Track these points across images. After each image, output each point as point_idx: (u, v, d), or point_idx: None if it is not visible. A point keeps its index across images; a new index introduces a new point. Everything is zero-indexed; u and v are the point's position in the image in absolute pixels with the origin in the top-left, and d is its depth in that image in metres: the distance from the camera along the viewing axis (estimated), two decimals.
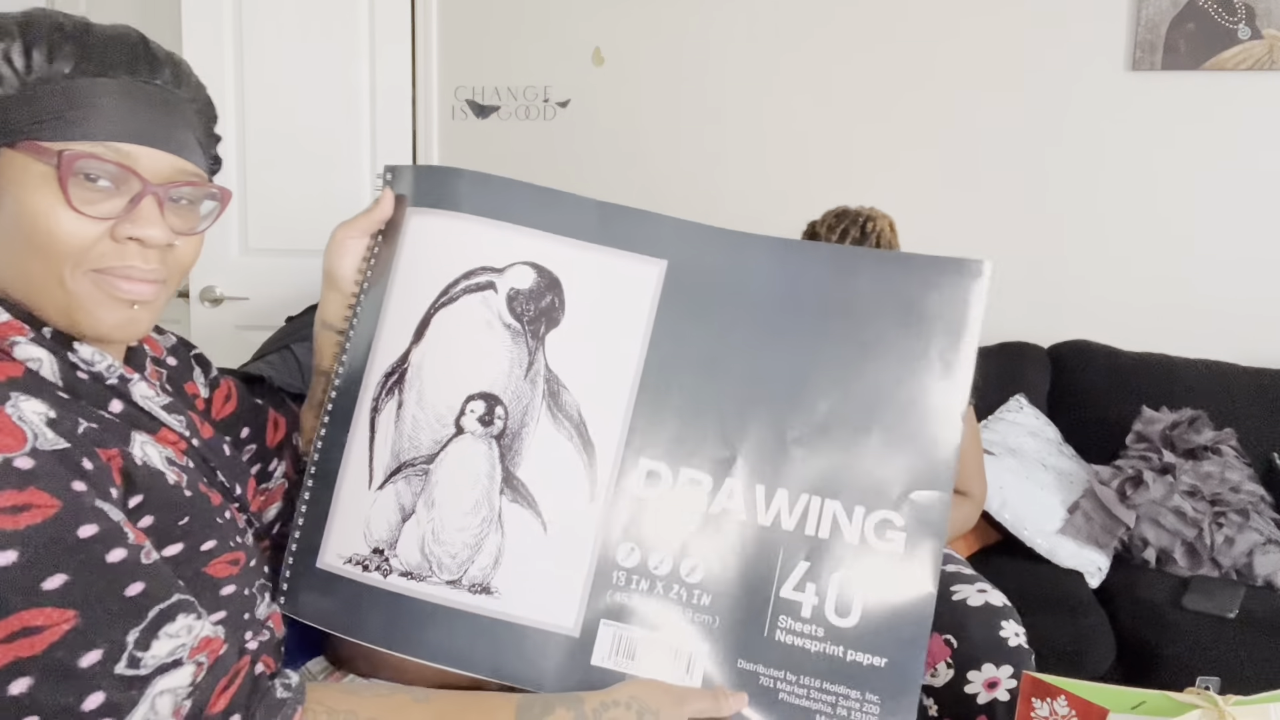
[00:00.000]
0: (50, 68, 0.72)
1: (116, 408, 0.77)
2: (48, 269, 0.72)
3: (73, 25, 0.74)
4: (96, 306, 0.74)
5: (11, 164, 0.72)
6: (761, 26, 2.73)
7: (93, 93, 0.72)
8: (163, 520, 0.74)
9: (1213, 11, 2.47)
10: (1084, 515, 2.12)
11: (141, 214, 0.74)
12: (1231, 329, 2.54)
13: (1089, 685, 1.04)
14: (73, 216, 0.72)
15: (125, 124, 0.73)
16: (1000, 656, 1.47)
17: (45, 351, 0.74)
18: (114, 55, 0.74)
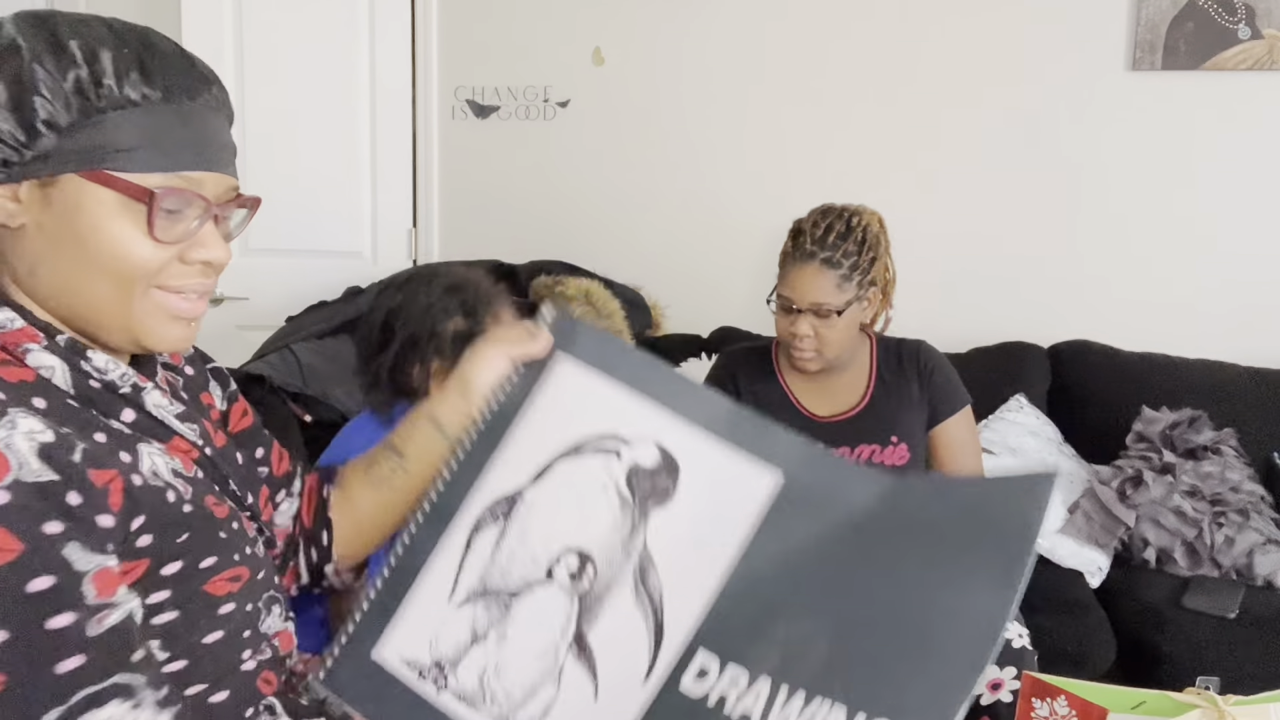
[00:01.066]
0: (119, 94, 0.72)
1: (128, 416, 0.77)
2: (118, 291, 0.74)
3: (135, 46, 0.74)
4: (160, 325, 0.77)
5: (80, 190, 0.72)
6: (761, 27, 2.73)
7: (163, 122, 0.74)
8: (162, 538, 0.74)
9: (1213, 11, 2.47)
10: (1084, 515, 2.12)
11: (208, 237, 0.77)
12: (1231, 329, 2.54)
13: (1089, 685, 1.04)
14: (151, 245, 0.74)
15: (194, 152, 0.75)
16: (1004, 657, 1.46)
17: (58, 360, 0.74)
18: (175, 79, 0.75)
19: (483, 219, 2.97)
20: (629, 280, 2.73)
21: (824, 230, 1.66)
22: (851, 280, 1.65)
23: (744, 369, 1.84)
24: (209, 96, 0.77)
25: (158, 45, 0.75)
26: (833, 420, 1.76)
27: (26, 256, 0.74)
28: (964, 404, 1.81)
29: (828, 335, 1.66)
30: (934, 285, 2.67)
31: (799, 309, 1.65)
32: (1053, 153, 2.61)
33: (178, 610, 0.75)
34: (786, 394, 1.79)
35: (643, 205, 2.86)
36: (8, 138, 0.71)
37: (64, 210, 0.72)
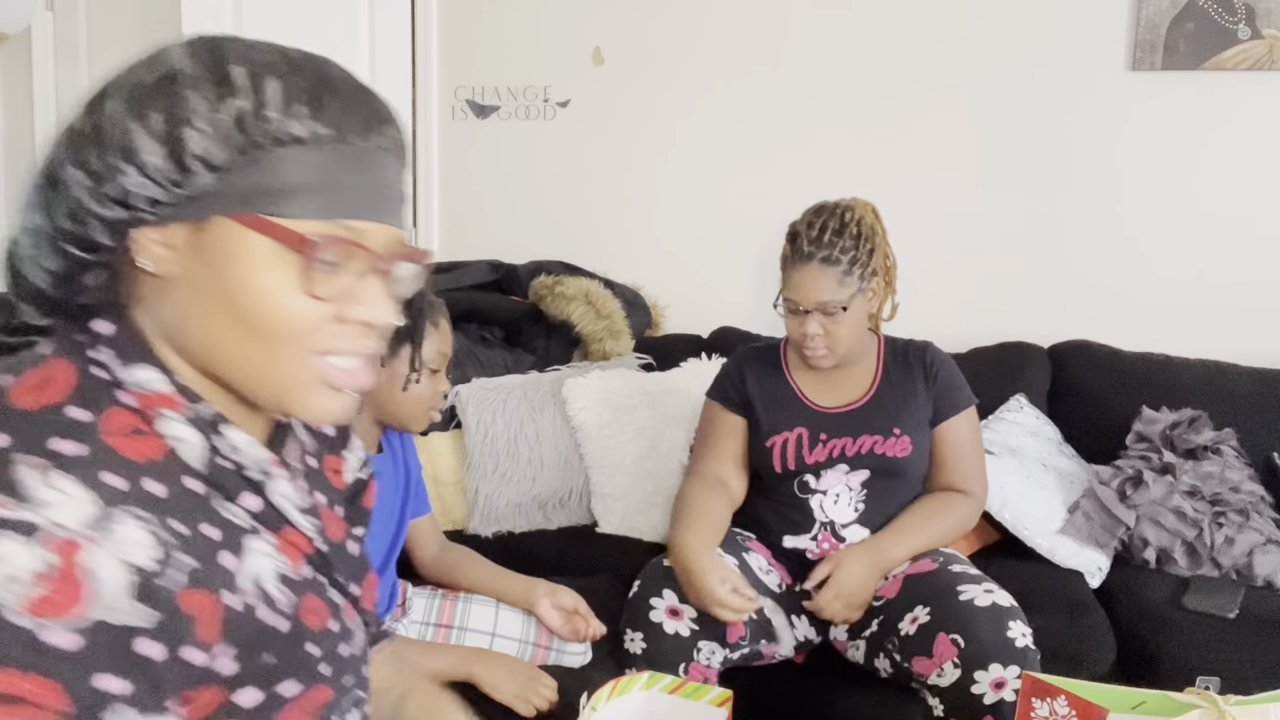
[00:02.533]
0: (284, 130, 0.63)
1: (249, 503, 0.70)
2: (267, 351, 0.66)
3: (308, 75, 0.65)
4: (313, 394, 0.68)
5: (233, 236, 0.64)
6: (761, 27, 2.73)
7: (331, 164, 0.65)
8: (247, 665, 0.66)
9: (1213, 11, 2.47)
10: (1084, 515, 2.12)
11: (369, 293, 0.68)
12: (1231, 329, 2.54)
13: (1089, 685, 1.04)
14: (306, 300, 0.65)
15: (362, 200, 0.66)
16: (1007, 657, 1.46)
17: (194, 433, 0.67)
18: (350, 115, 0.66)
19: (483, 219, 2.97)
20: (629, 280, 2.73)
21: (819, 230, 1.69)
22: (852, 274, 1.68)
23: (752, 365, 1.88)
24: (384, 137, 0.68)
25: (332, 76, 0.66)
26: (837, 411, 1.80)
27: (174, 309, 0.67)
28: (968, 404, 1.84)
29: (837, 331, 1.70)
30: (934, 285, 2.67)
31: (806, 310, 1.69)
32: (1053, 153, 2.61)
33: None
34: (793, 387, 1.84)
35: (643, 205, 2.86)
36: (157, 174, 0.63)
37: (214, 259, 0.64)
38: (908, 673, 1.57)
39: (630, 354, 2.53)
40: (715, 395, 1.91)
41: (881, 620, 1.64)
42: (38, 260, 0.67)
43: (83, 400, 0.64)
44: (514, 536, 2.21)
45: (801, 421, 1.80)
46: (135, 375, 0.67)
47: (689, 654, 1.57)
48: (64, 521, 0.57)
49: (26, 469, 0.58)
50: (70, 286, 0.68)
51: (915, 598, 1.60)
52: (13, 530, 0.55)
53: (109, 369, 0.66)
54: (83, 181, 0.64)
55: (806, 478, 1.78)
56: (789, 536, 1.78)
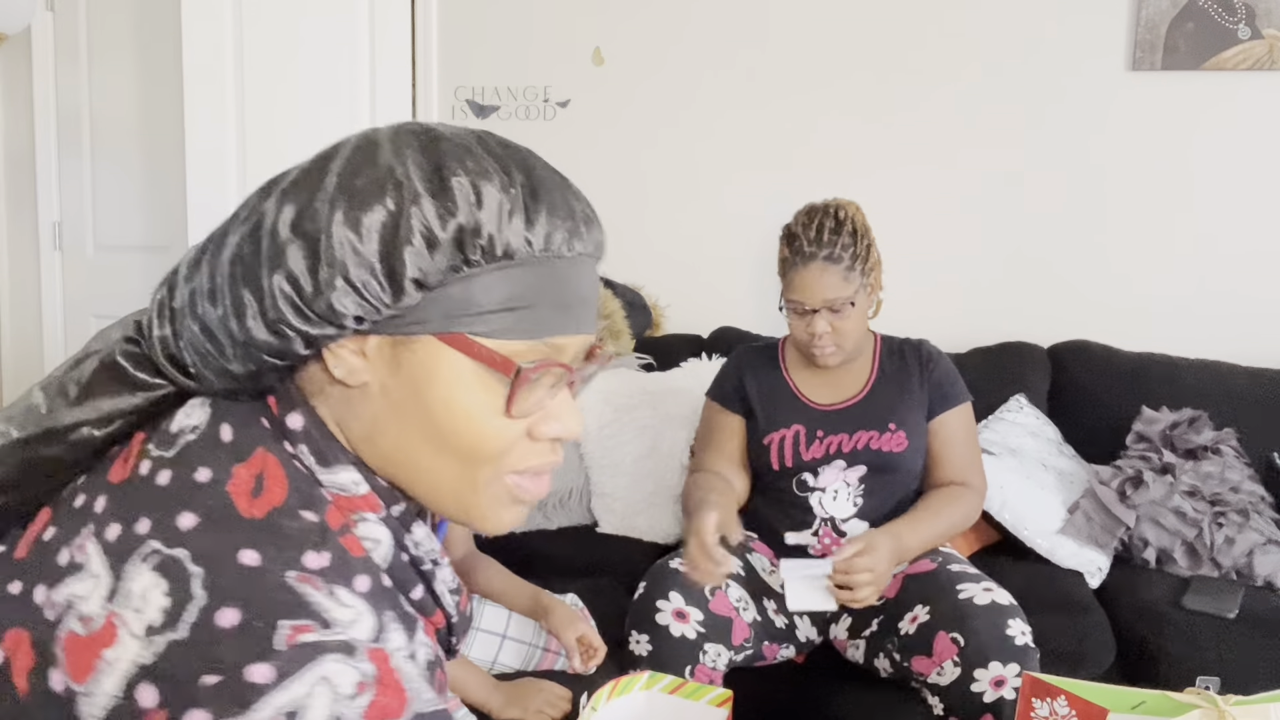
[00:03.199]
0: (500, 249, 0.60)
1: (416, 593, 0.68)
2: (461, 469, 0.64)
3: (521, 183, 0.61)
4: (501, 508, 0.66)
5: (435, 354, 0.61)
6: (761, 27, 2.73)
7: (541, 281, 0.61)
8: None
9: (1213, 11, 2.47)
10: (1084, 515, 2.12)
11: (562, 407, 0.65)
12: (1231, 329, 2.54)
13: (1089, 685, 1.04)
14: (503, 421, 0.63)
15: (566, 316, 0.63)
16: (1007, 655, 1.46)
17: (388, 533, 0.65)
18: (561, 227, 0.62)
19: None
20: (629, 280, 2.73)
21: (817, 229, 1.70)
22: (855, 270, 1.71)
23: (750, 363, 1.90)
24: (588, 243, 0.64)
25: (542, 179, 0.62)
26: (833, 408, 1.81)
27: (365, 419, 0.64)
28: (962, 400, 1.84)
29: (845, 327, 1.72)
30: (934, 285, 2.67)
31: (813, 309, 1.70)
32: (1052, 153, 2.61)
33: None
34: (790, 385, 1.86)
35: (643, 205, 2.86)
36: (369, 293, 0.59)
37: (413, 375, 0.61)
38: (908, 672, 1.57)
39: (630, 354, 2.53)
40: (714, 395, 1.93)
41: (881, 620, 1.64)
42: (215, 357, 0.63)
43: (304, 502, 0.61)
44: (514, 536, 2.21)
45: (798, 419, 1.81)
46: (337, 477, 0.64)
47: (695, 657, 1.57)
48: (363, 635, 0.56)
49: (310, 590, 0.56)
50: (248, 384, 0.64)
51: (915, 597, 1.60)
52: (336, 653, 0.54)
53: (310, 469, 0.63)
54: (289, 294, 0.59)
55: (805, 475, 1.79)
56: (791, 534, 1.79)
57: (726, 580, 1.64)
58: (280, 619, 0.54)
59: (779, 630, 1.72)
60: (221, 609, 0.54)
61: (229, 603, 0.54)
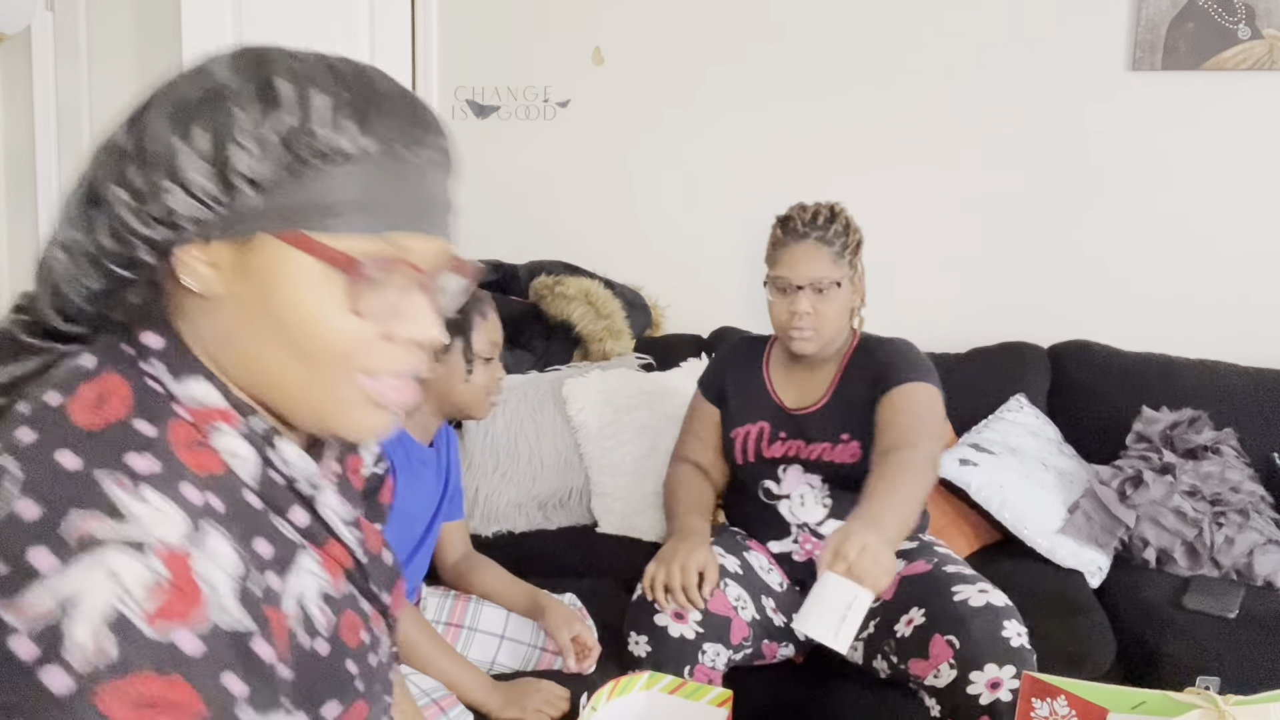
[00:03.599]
0: (331, 147, 0.62)
1: (298, 517, 0.69)
2: (314, 374, 0.65)
3: (355, 91, 0.63)
4: (358, 412, 0.67)
5: (277, 254, 0.63)
6: (761, 27, 2.73)
7: (378, 179, 0.63)
8: (297, 692, 0.65)
9: (1213, 11, 2.47)
10: (1084, 515, 2.12)
11: (415, 309, 0.67)
12: (1231, 329, 2.54)
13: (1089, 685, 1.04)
14: (351, 319, 0.64)
15: (409, 214, 0.65)
16: (1003, 656, 1.46)
17: (249, 447, 0.66)
18: (398, 129, 0.64)
19: (483, 219, 2.96)
20: (629, 280, 2.73)
21: (811, 215, 1.75)
22: (844, 258, 1.74)
23: (735, 357, 1.94)
24: (432, 148, 0.67)
25: (380, 89, 0.65)
26: (795, 412, 1.83)
27: (218, 327, 0.66)
28: (910, 379, 1.71)
29: (826, 311, 1.73)
30: (934, 285, 2.67)
31: (799, 286, 1.72)
32: (1052, 152, 2.61)
33: None
34: (765, 383, 1.88)
35: (643, 205, 2.86)
36: (202, 193, 0.61)
37: (260, 279, 0.63)
38: (905, 674, 1.57)
39: (630, 354, 2.53)
40: (700, 382, 1.97)
41: (878, 622, 1.64)
42: (78, 278, 0.66)
43: (145, 414, 0.62)
44: (514, 536, 2.21)
45: (765, 416, 1.83)
46: (189, 389, 0.65)
47: (694, 657, 1.57)
48: (164, 536, 0.57)
49: (114, 486, 0.57)
50: (110, 302, 0.67)
51: (910, 599, 1.60)
52: (122, 546, 0.55)
53: (162, 383, 0.65)
54: (126, 200, 0.62)
55: (767, 482, 1.80)
56: (773, 542, 1.81)
57: (725, 580, 1.64)
58: (72, 508, 0.55)
59: (778, 629, 1.72)
60: (24, 501, 0.56)
61: (32, 496, 0.56)
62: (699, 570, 1.59)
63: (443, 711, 1.36)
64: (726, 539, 1.78)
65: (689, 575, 1.57)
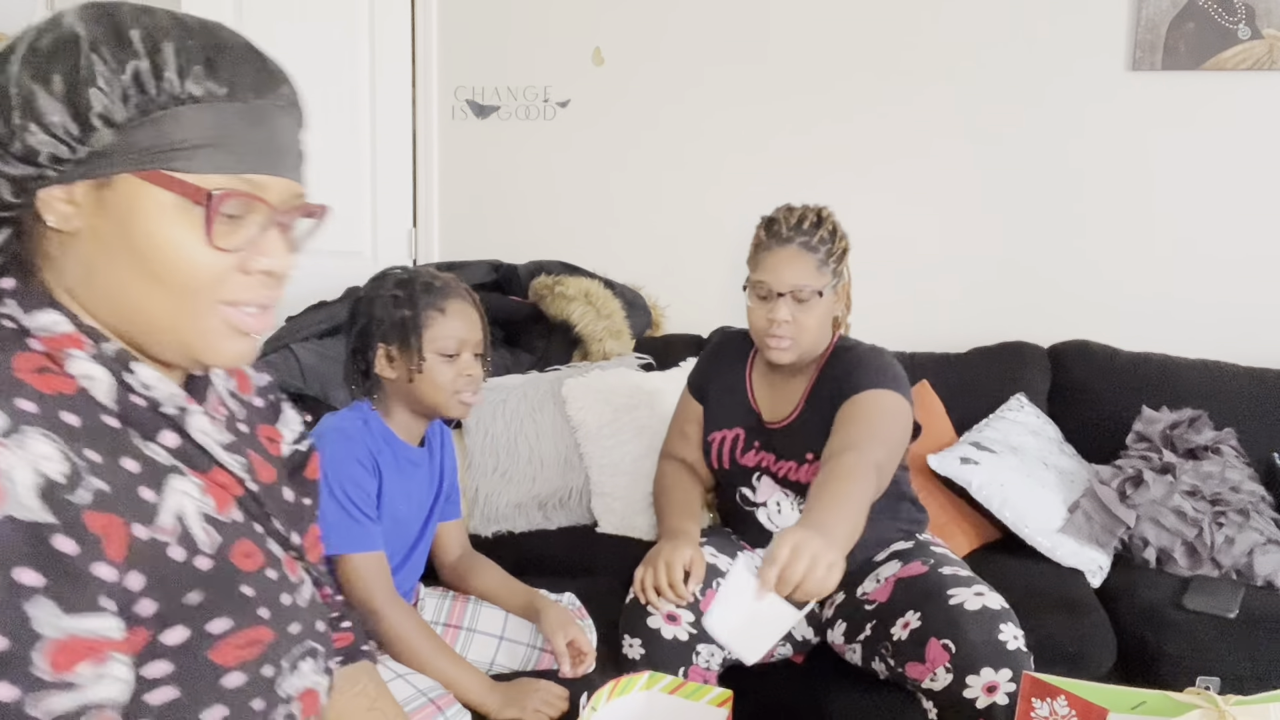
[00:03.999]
0: (181, 89, 0.67)
1: (169, 440, 0.72)
2: (175, 303, 0.69)
3: (201, 39, 0.69)
4: (221, 340, 0.72)
5: (136, 192, 0.67)
6: (761, 28, 2.73)
7: (227, 121, 0.68)
8: (166, 603, 0.68)
9: (1213, 11, 2.47)
10: (1085, 514, 2.12)
11: (271, 244, 0.72)
12: (1231, 329, 2.54)
13: (1089, 685, 1.04)
14: (210, 252, 0.69)
15: (260, 155, 0.70)
16: (999, 660, 1.45)
17: (102, 370, 0.69)
18: (242, 75, 0.69)
19: (483, 219, 2.97)
20: (629, 280, 2.73)
21: (797, 219, 1.69)
22: (827, 266, 1.68)
23: (722, 355, 1.89)
24: (278, 95, 0.72)
25: (225, 39, 0.70)
26: (769, 425, 1.79)
27: (81, 264, 0.69)
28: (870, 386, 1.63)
29: (805, 320, 1.66)
30: (934, 285, 2.67)
31: (779, 293, 1.66)
32: (1052, 152, 2.61)
33: (178, 687, 0.68)
34: (746, 388, 1.83)
35: (643, 205, 2.85)
36: (61, 132, 0.66)
37: (119, 214, 0.68)
38: (902, 677, 1.57)
39: (630, 354, 2.53)
40: (689, 378, 1.94)
41: (875, 624, 1.63)
42: None
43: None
44: (514, 536, 2.21)
45: (741, 423, 1.80)
46: (38, 320, 0.69)
47: (688, 658, 1.57)
48: None
49: None
50: None
51: (906, 602, 1.59)
52: None
53: (14, 319, 0.69)
54: None
55: (743, 489, 1.79)
56: (759, 549, 1.79)
57: (716, 581, 1.63)
58: None
59: None
60: None
61: None
62: (684, 567, 1.56)
63: (440, 711, 1.36)
64: (720, 539, 1.78)
65: (674, 571, 1.55)
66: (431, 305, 1.49)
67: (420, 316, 1.48)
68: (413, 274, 1.55)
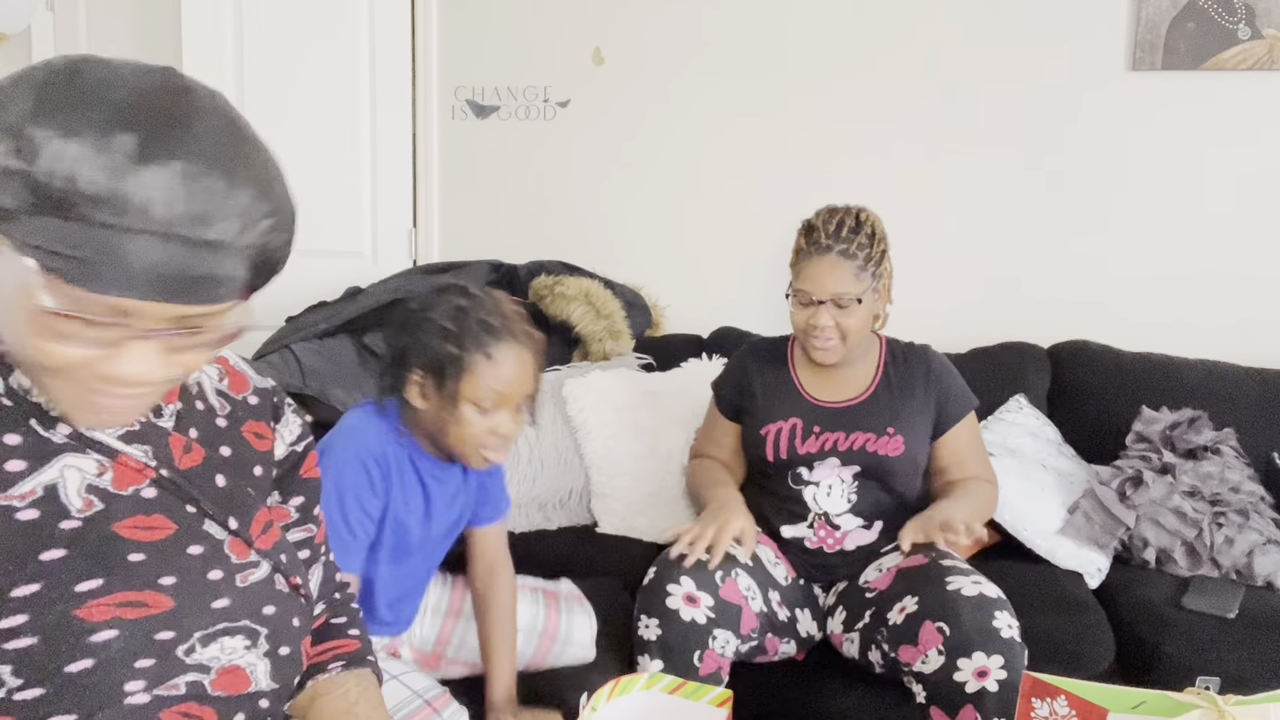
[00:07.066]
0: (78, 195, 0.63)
1: (66, 430, 0.77)
2: (28, 366, 0.72)
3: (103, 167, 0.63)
4: (75, 409, 0.74)
5: (8, 262, 0.65)
6: (760, 27, 2.73)
7: (87, 244, 0.64)
8: (9, 557, 0.72)
9: (1213, 11, 2.47)
10: (1084, 515, 2.12)
11: (126, 355, 0.69)
12: (1231, 329, 2.54)
13: (1089, 685, 1.04)
14: (55, 345, 0.67)
15: (123, 283, 0.65)
16: (992, 646, 1.46)
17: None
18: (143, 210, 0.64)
19: (483, 219, 2.97)
20: (629, 280, 2.73)
21: (836, 225, 1.74)
22: (867, 271, 1.73)
23: (756, 358, 1.94)
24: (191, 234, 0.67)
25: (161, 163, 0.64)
26: (834, 406, 1.84)
27: None
28: (970, 409, 1.87)
29: (849, 325, 1.74)
30: (934, 285, 2.67)
31: (819, 301, 1.73)
32: (1053, 153, 2.61)
33: (37, 636, 0.72)
34: (794, 381, 1.88)
35: (643, 205, 2.86)
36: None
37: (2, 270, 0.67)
38: (895, 663, 1.58)
39: (630, 354, 2.53)
40: (716, 390, 1.99)
41: (873, 612, 1.65)
42: None
43: None
44: (514, 536, 2.21)
45: (797, 412, 1.83)
46: None
47: (704, 642, 1.57)
48: None
49: None
50: None
51: (905, 589, 1.62)
52: None
53: None
54: None
55: (800, 469, 1.80)
56: (787, 527, 1.81)
57: (736, 570, 1.65)
58: None
59: (782, 623, 1.73)
60: None
61: None
62: (735, 537, 1.65)
63: (436, 712, 1.35)
64: None
65: (722, 542, 1.63)
66: (481, 349, 1.34)
67: (465, 359, 1.33)
68: (474, 303, 1.38)
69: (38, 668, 0.72)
